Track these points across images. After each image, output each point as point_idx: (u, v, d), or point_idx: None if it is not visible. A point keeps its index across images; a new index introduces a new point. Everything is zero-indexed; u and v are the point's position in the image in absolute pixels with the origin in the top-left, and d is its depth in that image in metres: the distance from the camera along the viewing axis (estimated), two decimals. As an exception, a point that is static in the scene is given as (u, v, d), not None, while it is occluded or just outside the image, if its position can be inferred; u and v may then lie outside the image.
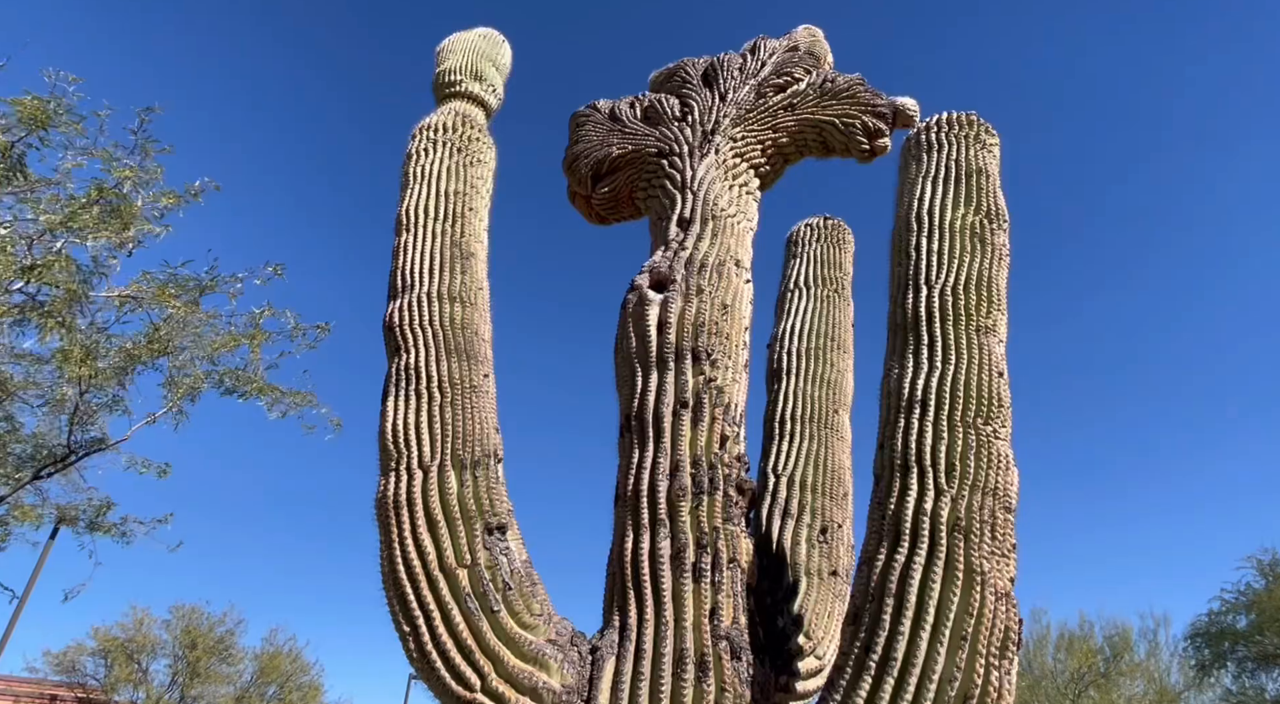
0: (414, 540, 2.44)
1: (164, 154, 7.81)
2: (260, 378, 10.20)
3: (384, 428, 2.66)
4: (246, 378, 10.09)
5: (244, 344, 10.02)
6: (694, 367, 3.01)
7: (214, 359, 10.00)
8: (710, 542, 2.66)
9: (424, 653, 2.31)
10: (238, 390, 10.16)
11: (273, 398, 10.29)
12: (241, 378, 10.06)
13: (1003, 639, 2.07)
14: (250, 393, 10.17)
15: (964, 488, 2.27)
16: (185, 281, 8.04)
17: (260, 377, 10.19)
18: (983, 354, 2.48)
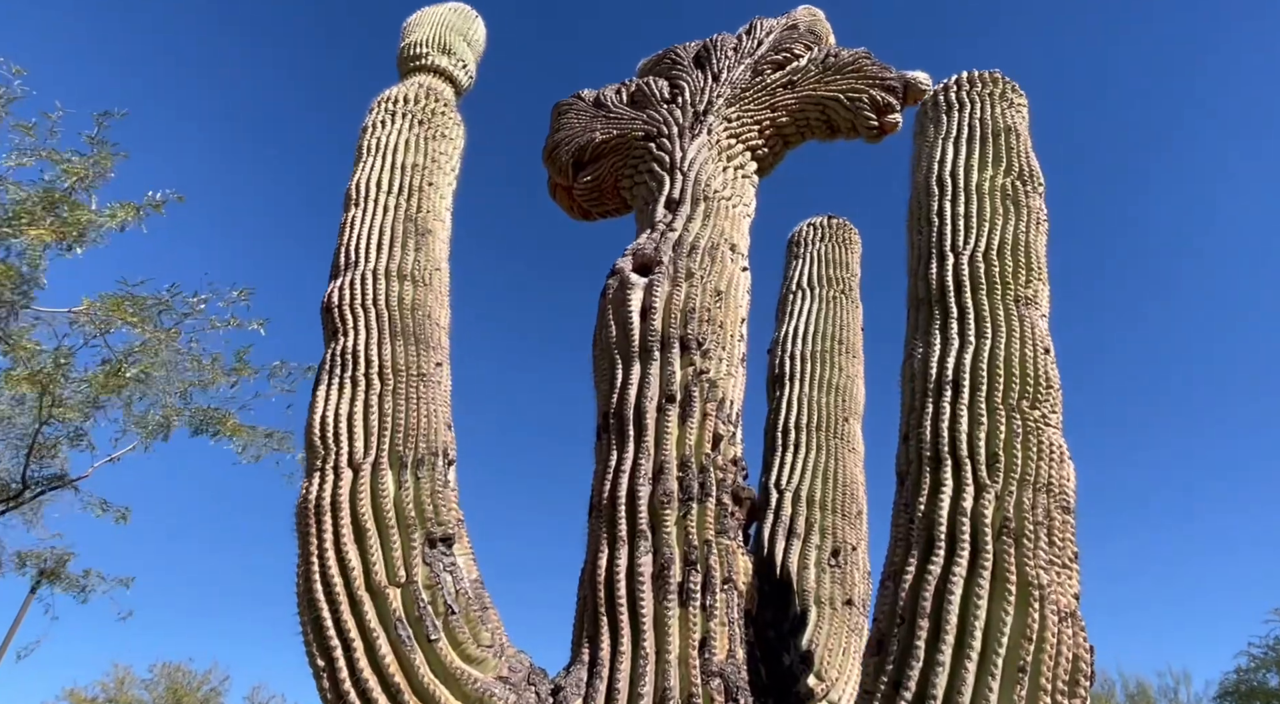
0: (336, 552, 2.00)
1: (120, 159, 7.55)
2: (233, 417, 9.71)
3: (311, 421, 2.24)
4: (218, 417, 9.60)
5: (221, 382, 9.59)
6: (683, 357, 2.60)
7: (186, 395, 9.55)
8: (700, 557, 2.20)
9: (340, 694, 1.84)
10: (208, 430, 9.67)
11: (245, 440, 9.77)
12: (212, 417, 9.58)
13: (1071, 671, 1.61)
14: (223, 433, 9.67)
15: (1010, 483, 1.83)
16: (143, 301, 7.66)
17: (233, 416, 9.71)
18: (1024, 327, 2.08)
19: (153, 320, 7.69)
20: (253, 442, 9.79)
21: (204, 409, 9.55)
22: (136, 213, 7.36)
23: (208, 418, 9.60)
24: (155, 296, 7.72)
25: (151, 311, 7.67)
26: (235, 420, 9.71)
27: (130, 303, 7.45)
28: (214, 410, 9.64)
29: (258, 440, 9.81)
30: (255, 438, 9.80)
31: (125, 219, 7.29)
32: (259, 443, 9.82)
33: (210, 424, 9.65)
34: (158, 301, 7.75)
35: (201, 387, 9.54)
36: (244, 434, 9.73)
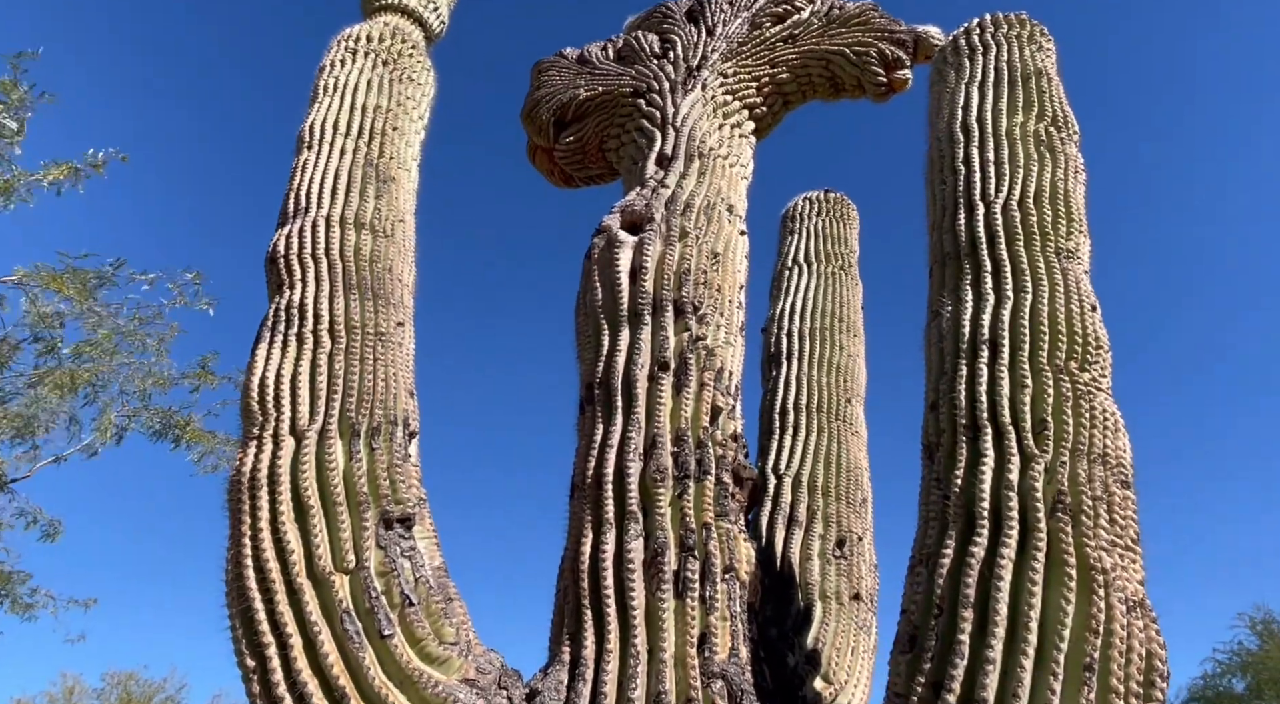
0: (272, 533, 1.69)
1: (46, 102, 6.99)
2: (195, 422, 9.20)
3: (248, 383, 1.93)
4: (179, 421, 9.08)
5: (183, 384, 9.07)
6: (677, 321, 2.33)
7: (145, 396, 9.01)
8: (699, 543, 1.93)
9: (273, 699, 1.53)
10: (168, 434, 9.13)
11: (206, 447, 9.26)
12: (173, 421, 9.05)
13: (1145, 670, 1.36)
14: (184, 438, 9.15)
15: (1062, 452, 1.59)
16: (84, 275, 7.11)
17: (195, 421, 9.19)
18: (1068, 281, 1.84)
19: (92, 295, 7.17)
20: (212, 449, 9.28)
21: (165, 411, 9.03)
22: (74, 173, 6.82)
23: (169, 422, 9.08)
24: (97, 271, 7.21)
25: (91, 285, 7.16)
26: (198, 425, 9.20)
27: (70, 276, 6.93)
28: (174, 413, 9.11)
29: (217, 448, 9.31)
30: (215, 444, 9.30)
31: (59, 179, 6.74)
32: (218, 450, 9.32)
33: (171, 428, 9.12)
34: (99, 276, 7.24)
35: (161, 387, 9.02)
36: (205, 440, 9.21)
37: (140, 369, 8.81)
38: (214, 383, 9.36)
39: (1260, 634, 20.06)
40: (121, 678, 23.31)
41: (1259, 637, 19.98)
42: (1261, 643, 19.71)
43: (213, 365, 9.18)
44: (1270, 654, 18.63)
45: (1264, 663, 18.99)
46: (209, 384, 9.33)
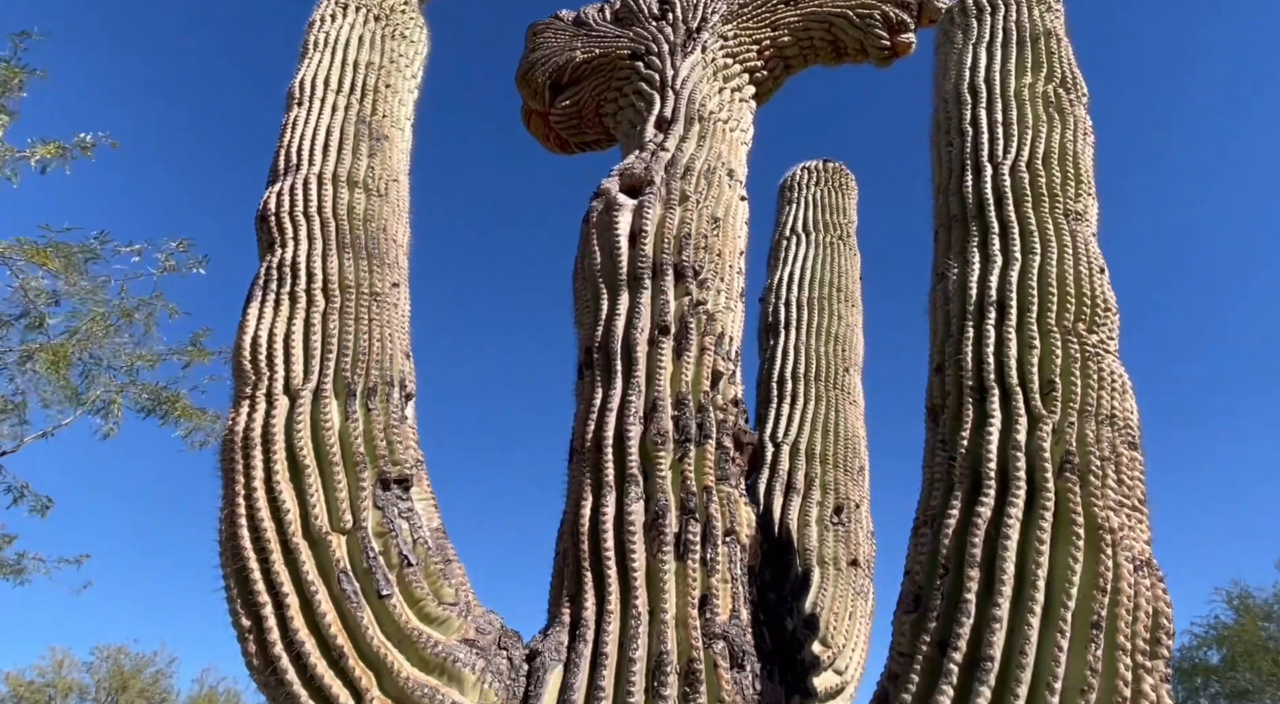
0: (267, 492, 1.65)
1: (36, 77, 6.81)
2: (184, 399, 9.08)
3: (240, 342, 1.88)
4: (168, 397, 8.96)
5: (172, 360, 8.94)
6: (677, 285, 2.29)
7: (133, 372, 8.88)
8: (700, 506, 1.91)
9: (268, 659, 1.50)
10: (157, 411, 9.01)
11: (195, 424, 9.15)
12: (162, 397, 8.93)
13: (1152, 628, 1.36)
14: (172, 415, 9.03)
15: (1070, 413, 1.57)
16: (69, 249, 6.95)
17: (184, 398, 9.07)
18: (1077, 243, 1.81)
19: (79, 269, 7.03)
20: (201, 426, 9.18)
21: (153, 387, 8.90)
22: (61, 153, 6.66)
23: (158, 398, 8.96)
24: (83, 245, 7.06)
25: (78, 259, 7.01)
26: (187, 402, 9.08)
27: (54, 250, 6.79)
28: (163, 389, 8.99)
29: (206, 425, 9.21)
30: (204, 421, 9.20)
31: (46, 158, 6.59)
32: (207, 428, 9.22)
33: (160, 405, 9.00)
34: (84, 249, 7.09)
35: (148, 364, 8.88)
36: (194, 417, 9.11)
37: (128, 345, 8.68)
38: (206, 359, 9.24)
39: (1236, 609, 20.50)
40: (111, 652, 23.31)
41: (1235, 611, 20.42)
42: (1237, 617, 20.15)
43: (204, 341, 9.06)
44: (1245, 627, 19.03)
45: (1239, 636, 19.43)
46: (201, 360, 9.22)
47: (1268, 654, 14.19)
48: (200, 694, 24.06)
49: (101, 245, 7.18)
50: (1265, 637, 14.44)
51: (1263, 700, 14.95)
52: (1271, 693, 13.67)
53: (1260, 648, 15.17)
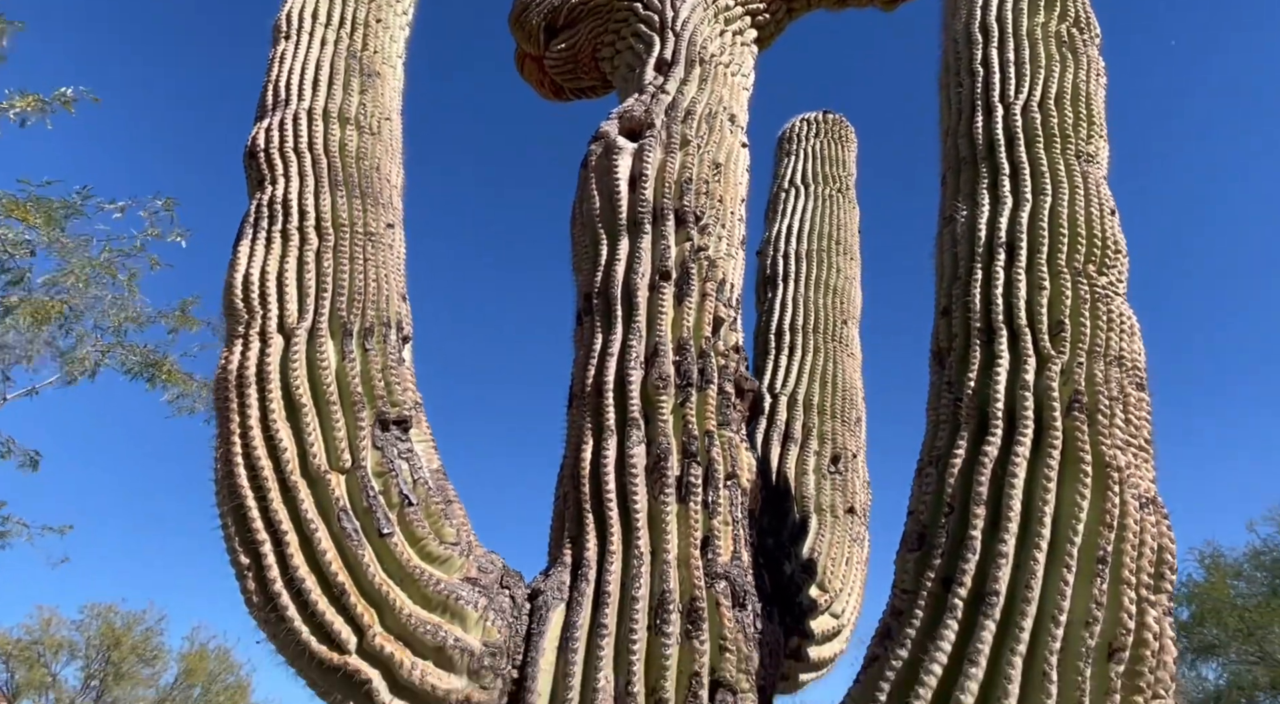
0: (263, 431, 1.62)
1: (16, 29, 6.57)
2: (171, 362, 8.96)
3: (231, 281, 1.83)
4: (155, 360, 8.84)
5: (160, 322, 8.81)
6: (678, 230, 2.25)
7: (120, 332, 8.73)
8: (701, 450, 1.90)
9: (268, 596, 1.49)
10: (144, 373, 8.90)
11: (182, 389, 9.05)
12: (149, 359, 8.81)
13: (1156, 563, 1.36)
14: (159, 379, 8.92)
15: (1079, 353, 1.56)
16: (49, 204, 6.76)
17: (171, 361, 8.96)
18: (1088, 184, 1.78)
19: (60, 225, 6.85)
20: (189, 392, 9.09)
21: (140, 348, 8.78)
22: (41, 106, 6.43)
23: (145, 360, 8.85)
24: (64, 201, 6.86)
25: (59, 215, 6.82)
26: (175, 366, 8.98)
27: (34, 205, 6.59)
28: (151, 352, 8.87)
29: (193, 391, 9.12)
30: (192, 388, 9.11)
31: (25, 110, 6.36)
32: (194, 394, 9.13)
33: (147, 367, 8.89)
34: (65, 205, 6.89)
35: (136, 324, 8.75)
36: (182, 383, 9.02)
37: (114, 304, 8.53)
38: (194, 327, 9.13)
39: (1208, 568, 21.12)
40: (101, 610, 23.41)
41: (1206, 570, 21.05)
42: (1208, 575, 20.76)
43: (193, 309, 8.94)
44: (1215, 586, 19.60)
45: (1208, 594, 20.04)
46: (188, 328, 9.10)
47: (1235, 611, 14.65)
48: (192, 650, 24.30)
49: (83, 201, 7.01)
50: (1234, 595, 14.89)
51: (1228, 654, 15.47)
52: (1237, 647, 14.17)
53: (1228, 605, 15.66)
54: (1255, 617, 14.35)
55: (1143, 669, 1.26)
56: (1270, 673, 13.81)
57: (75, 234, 7.21)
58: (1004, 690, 1.27)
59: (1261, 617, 14.15)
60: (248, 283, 1.80)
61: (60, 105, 6.65)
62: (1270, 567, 15.37)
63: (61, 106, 6.65)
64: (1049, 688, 1.25)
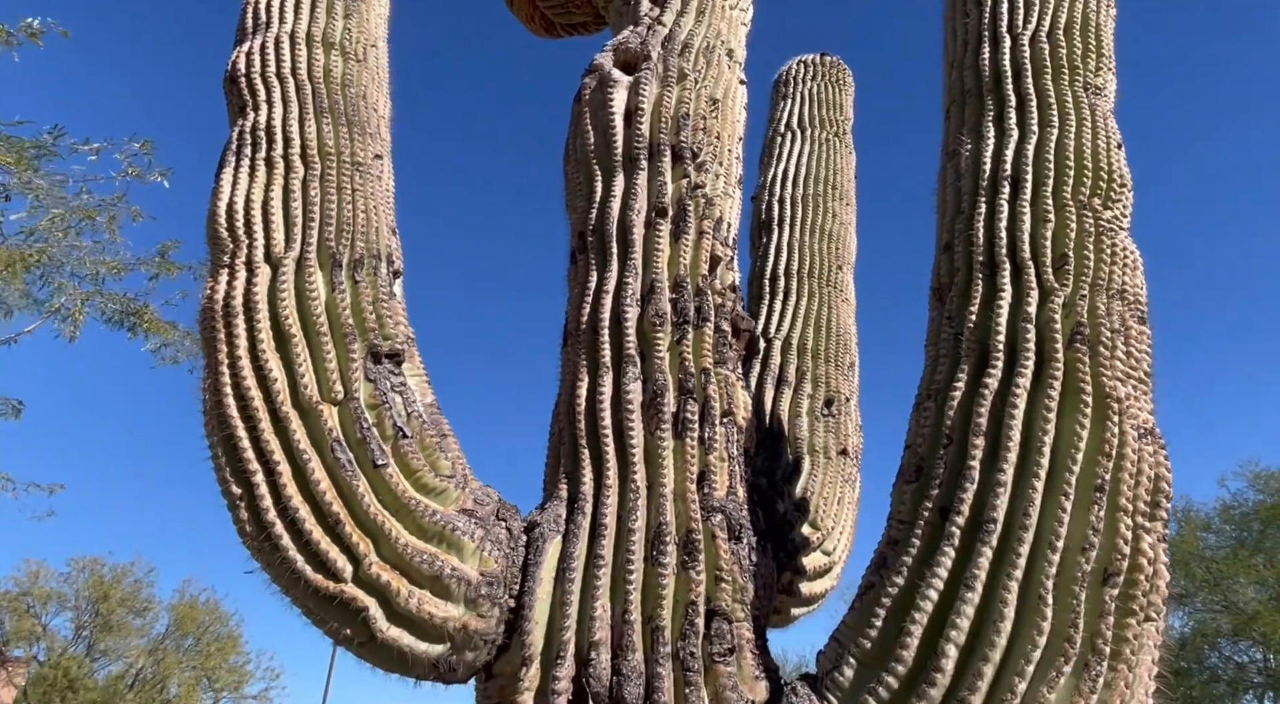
0: (252, 362, 1.58)
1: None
2: (152, 311, 8.79)
3: (215, 209, 1.77)
4: (136, 309, 8.66)
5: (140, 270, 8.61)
6: (675, 167, 2.20)
7: (99, 280, 8.54)
8: (698, 386, 1.88)
9: (261, 524, 1.47)
10: (125, 322, 8.73)
11: (165, 338, 8.90)
12: (130, 308, 8.63)
13: (1152, 492, 1.37)
14: (141, 328, 8.76)
15: (1082, 286, 1.54)
16: (20, 143, 6.52)
17: (152, 310, 8.78)
18: (1096, 117, 1.74)
19: (32, 166, 6.62)
20: (171, 341, 8.95)
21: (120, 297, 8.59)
22: (6, 38, 6.14)
23: (125, 308, 8.67)
24: (35, 140, 6.61)
25: (31, 156, 6.58)
26: (156, 315, 8.80)
27: (5, 145, 6.35)
28: (132, 300, 8.69)
29: (176, 340, 8.97)
30: (174, 337, 8.96)
31: None
32: (177, 343, 8.99)
33: (128, 316, 8.72)
34: (37, 145, 6.65)
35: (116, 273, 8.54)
36: (164, 332, 8.86)
37: (93, 251, 8.33)
38: (174, 273, 8.94)
39: (1179, 521, 21.76)
40: (87, 562, 23.51)
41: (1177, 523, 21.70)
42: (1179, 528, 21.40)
43: (173, 254, 8.74)
44: (1185, 538, 20.21)
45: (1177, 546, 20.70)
46: (169, 274, 8.91)
47: (1202, 562, 15.14)
48: (182, 602, 24.53)
49: (55, 141, 6.76)
50: (1203, 546, 15.37)
51: (1194, 603, 16.04)
52: (1203, 597, 14.70)
53: (1196, 557, 16.17)
54: (1222, 568, 14.85)
55: (1136, 592, 1.28)
56: (1233, 620, 14.36)
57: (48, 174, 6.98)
58: (999, 614, 1.29)
59: (1228, 568, 14.65)
60: (232, 211, 1.74)
61: (27, 37, 6.36)
62: (1238, 520, 15.85)
63: (28, 39, 6.36)
64: (1044, 611, 1.27)
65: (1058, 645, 1.25)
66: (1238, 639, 15.10)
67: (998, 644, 1.27)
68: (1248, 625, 14.36)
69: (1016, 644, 1.27)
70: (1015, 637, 1.27)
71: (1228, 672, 15.44)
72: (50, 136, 6.80)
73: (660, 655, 1.48)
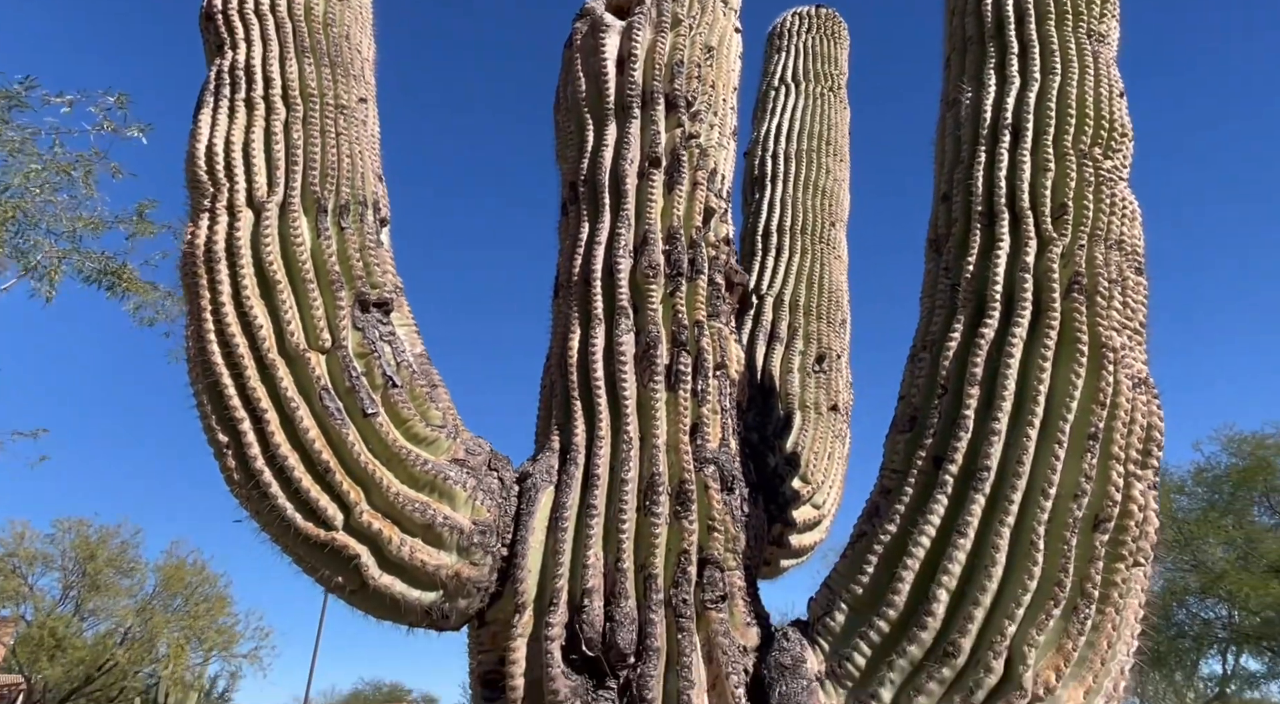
0: (236, 308, 1.54)
1: None
2: (131, 269, 8.60)
3: (194, 151, 1.70)
4: (115, 268, 8.48)
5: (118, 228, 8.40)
6: (668, 116, 2.15)
7: (75, 237, 8.33)
8: (691, 339, 1.87)
9: (250, 472, 1.45)
10: (103, 281, 8.55)
11: (144, 298, 8.72)
12: (109, 267, 8.44)
13: (1145, 440, 1.38)
14: (119, 287, 8.58)
15: (1081, 236, 1.53)
16: None
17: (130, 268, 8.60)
18: (1099, 64, 1.71)
19: (2, 117, 6.39)
20: (150, 301, 8.78)
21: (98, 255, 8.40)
22: None
23: (103, 267, 8.48)
24: (4, 91, 6.36)
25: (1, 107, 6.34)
26: (135, 274, 8.61)
27: None
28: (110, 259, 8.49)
29: (155, 301, 8.80)
30: (154, 297, 8.78)
31: None
32: (156, 303, 8.82)
33: (106, 274, 8.54)
34: (7, 96, 6.40)
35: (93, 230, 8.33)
36: (143, 292, 8.69)
37: (69, 207, 8.11)
38: (152, 232, 8.74)
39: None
40: (73, 523, 23.44)
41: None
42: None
43: (150, 214, 8.53)
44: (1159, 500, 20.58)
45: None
46: (146, 234, 8.71)
47: (1173, 523, 15.50)
48: (169, 563, 24.60)
49: (27, 92, 6.51)
50: (1175, 508, 15.72)
51: (1164, 562, 16.46)
52: (1174, 557, 15.08)
53: (1168, 518, 16.54)
54: (1192, 528, 15.22)
55: (1126, 538, 1.29)
56: (1201, 579, 14.79)
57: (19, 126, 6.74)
58: (991, 559, 1.30)
59: (1198, 529, 15.02)
60: (211, 153, 1.68)
61: None
62: (1210, 483, 16.20)
63: None
64: (1035, 556, 1.28)
65: (1047, 589, 1.26)
66: (1205, 597, 15.56)
67: (989, 588, 1.28)
68: (1215, 584, 14.79)
69: (1007, 588, 1.28)
70: (1006, 581, 1.28)
71: (1194, 628, 15.95)
72: (21, 87, 6.56)
73: (653, 602, 1.48)
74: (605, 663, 1.43)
